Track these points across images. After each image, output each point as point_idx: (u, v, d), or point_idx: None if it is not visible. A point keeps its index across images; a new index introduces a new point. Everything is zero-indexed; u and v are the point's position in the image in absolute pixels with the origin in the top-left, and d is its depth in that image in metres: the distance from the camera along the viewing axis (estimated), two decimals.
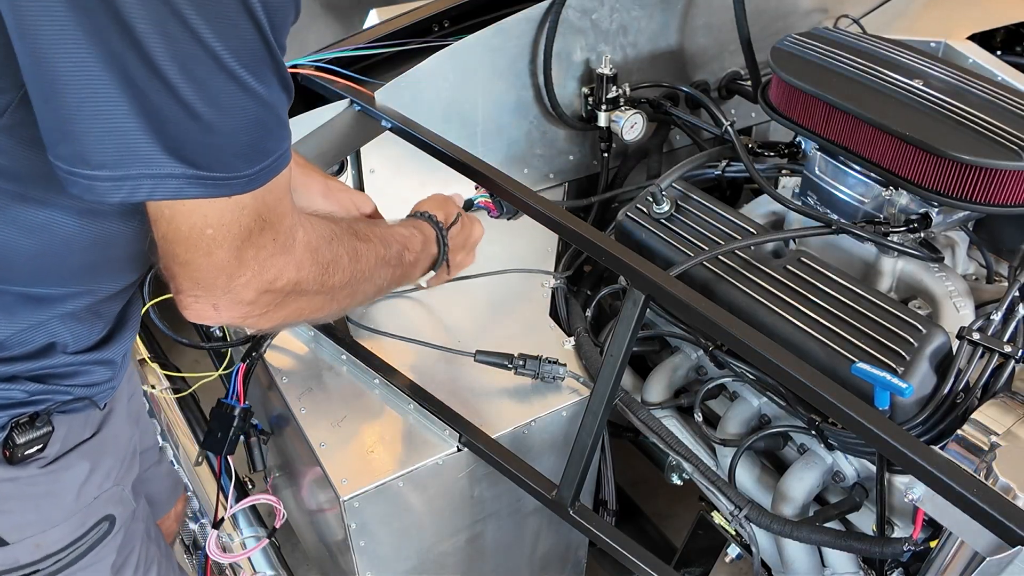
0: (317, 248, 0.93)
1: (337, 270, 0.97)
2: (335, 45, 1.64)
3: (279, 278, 0.87)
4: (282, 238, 0.86)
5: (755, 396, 1.37)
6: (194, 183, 0.74)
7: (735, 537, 1.39)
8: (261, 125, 0.77)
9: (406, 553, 1.37)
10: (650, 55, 1.82)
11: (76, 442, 0.99)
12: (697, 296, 1.07)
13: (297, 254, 0.89)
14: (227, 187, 0.77)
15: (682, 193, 1.42)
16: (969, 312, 1.26)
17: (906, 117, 1.24)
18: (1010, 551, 0.80)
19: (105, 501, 1.04)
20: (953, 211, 1.28)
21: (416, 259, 1.18)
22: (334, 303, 1.00)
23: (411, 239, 1.18)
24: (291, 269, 0.88)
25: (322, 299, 0.97)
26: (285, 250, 0.87)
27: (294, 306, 0.93)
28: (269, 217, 0.83)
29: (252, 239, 0.82)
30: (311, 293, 0.93)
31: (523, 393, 1.36)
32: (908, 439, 0.88)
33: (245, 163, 0.77)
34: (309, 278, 0.92)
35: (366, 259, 1.03)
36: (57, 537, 0.99)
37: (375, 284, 1.08)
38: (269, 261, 0.85)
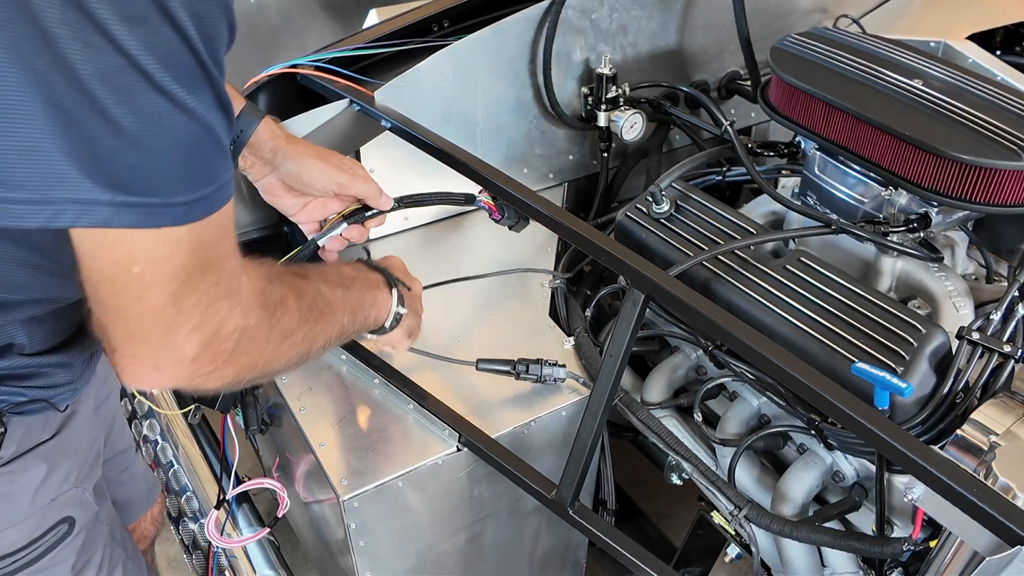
0: (262, 290, 0.84)
1: (286, 312, 0.88)
2: (335, 45, 1.64)
3: (224, 326, 0.78)
4: (226, 281, 0.77)
5: (755, 396, 1.38)
6: (123, 210, 0.67)
7: (735, 537, 1.39)
8: (195, 147, 0.70)
9: (406, 553, 1.37)
10: (650, 55, 1.82)
11: (33, 444, 0.99)
12: (697, 296, 1.07)
13: (243, 298, 0.80)
14: (159, 215, 0.69)
15: (682, 193, 1.42)
16: (969, 312, 1.26)
17: (906, 117, 1.24)
18: (1009, 551, 0.80)
19: (63, 503, 1.04)
20: (952, 211, 1.28)
21: (360, 301, 1.08)
22: (289, 348, 0.90)
23: (357, 268, 1.11)
24: (237, 315, 0.79)
25: (275, 347, 0.87)
26: (230, 294, 0.78)
27: (245, 359, 0.83)
28: (210, 257, 0.74)
29: (191, 283, 0.73)
30: (261, 341, 0.84)
31: (523, 393, 1.36)
32: (908, 439, 0.88)
33: (180, 188, 0.70)
34: (258, 324, 0.83)
35: (311, 296, 0.94)
36: (13, 538, 0.99)
37: (329, 324, 0.98)
38: (213, 307, 0.76)
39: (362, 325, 1.09)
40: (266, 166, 1.23)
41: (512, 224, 1.38)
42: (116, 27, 0.62)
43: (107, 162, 0.65)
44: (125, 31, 0.62)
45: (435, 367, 1.40)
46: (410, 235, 1.70)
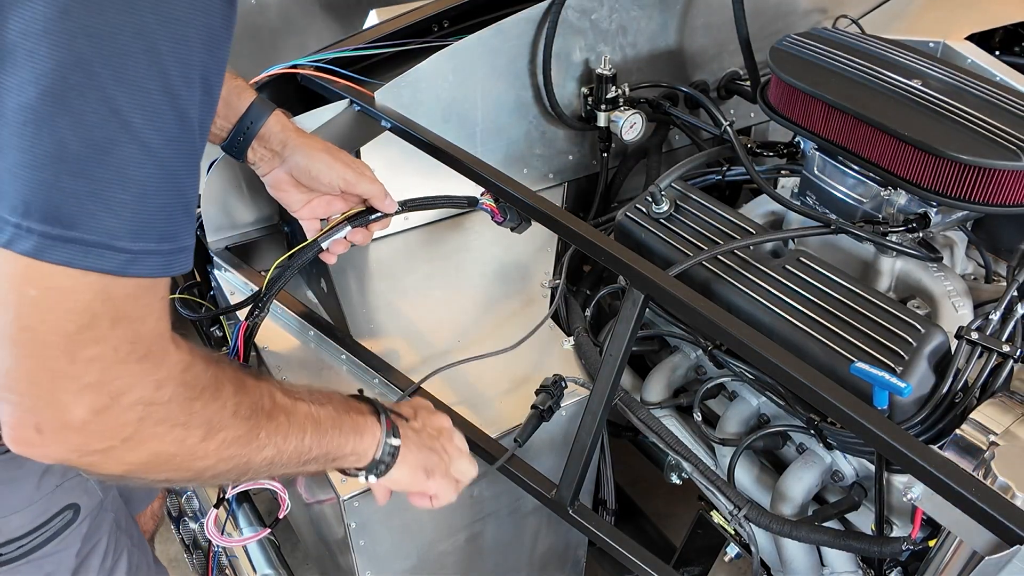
0: (191, 366, 0.72)
1: (216, 399, 0.75)
2: (335, 45, 1.64)
3: (127, 393, 0.66)
4: (146, 342, 0.67)
5: (754, 395, 1.38)
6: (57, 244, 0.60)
7: (734, 536, 1.40)
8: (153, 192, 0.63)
9: (405, 552, 1.37)
10: (649, 55, 1.82)
11: None
12: (696, 296, 1.07)
13: (164, 367, 0.68)
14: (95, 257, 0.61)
15: (681, 193, 1.42)
16: (968, 312, 1.26)
17: (905, 117, 1.25)
18: (1008, 550, 0.80)
19: (68, 490, 1.05)
20: (952, 211, 1.28)
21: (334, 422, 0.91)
22: (219, 449, 0.76)
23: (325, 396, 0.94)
24: (149, 385, 0.67)
25: (196, 440, 0.73)
26: (144, 358, 0.67)
27: (155, 445, 0.70)
28: (127, 308, 0.64)
29: (97, 330, 0.63)
30: (177, 426, 0.71)
31: (523, 393, 1.36)
32: (907, 438, 0.88)
33: (124, 233, 0.62)
34: (173, 403, 0.70)
35: (256, 396, 0.81)
36: (18, 524, 1.00)
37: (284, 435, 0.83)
38: (118, 368, 0.65)
39: (336, 451, 0.92)
40: (275, 158, 1.23)
41: (514, 226, 1.38)
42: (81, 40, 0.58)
43: (46, 187, 0.59)
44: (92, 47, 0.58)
45: (435, 367, 1.40)
46: (410, 235, 1.70)
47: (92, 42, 0.58)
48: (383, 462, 0.98)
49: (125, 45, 0.59)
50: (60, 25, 0.58)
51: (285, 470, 0.85)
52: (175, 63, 0.62)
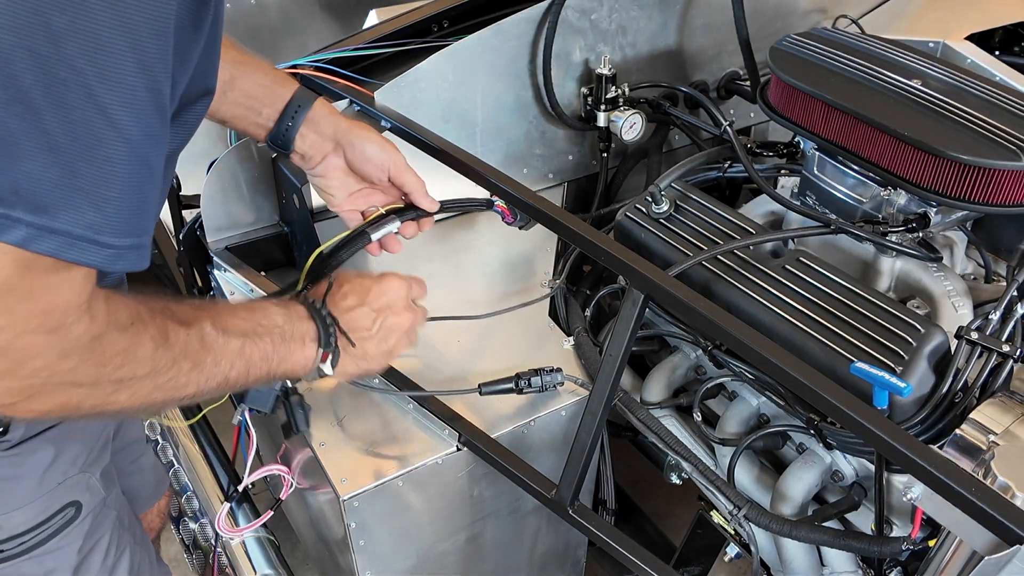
0: (102, 336, 0.73)
1: (128, 361, 0.76)
2: (335, 45, 1.64)
3: (30, 361, 0.68)
4: (55, 317, 0.68)
5: (754, 395, 1.38)
6: (43, 235, 0.62)
7: (734, 536, 1.40)
8: (137, 187, 0.65)
9: (405, 552, 1.37)
10: (649, 55, 1.82)
11: (41, 427, 1.00)
12: (696, 296, 1.07)
13: (69, 339, 0.70)
14: (82, 251, 0.64)
15: (681, 193, 1.42)
16: (967, 311, 1.26)
17: (905, 117, 1.25)
18: (1008, 550, 0.80)
19: (70, 487, 1.05)
20: (951, 211, 1.28)
21: (280, 336, 0.95)
22: (130, 396, 0.79)
23: (265, 311, 0.96)
24: (52, 355, 0.69)
25: (106, 393, 0.77)
26: (52, 331, 0.68)
27: (61, 398, 0.73)
28: (41, 284, 0.66)
29: (8, 303, 0.65)
30: (84, 385, 0.74)
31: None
32: (907, 438, 0.88)
33: (108, 229, 0.64)
34: (76, 370, 0.72)
35: (181, 346, 0.82)
36: (20, 520, 1.00)
37: (208, 374, 0.86)
38: (23, 339, 0.67)
39: (265, 377, 0.96)
40: (326, 143, 1.20)
41: (523, 225, 1.39)
42: (67, 39, 0.59)
43: (34, 180, 0.61)
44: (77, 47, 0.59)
45: (435, 366, 1.40)
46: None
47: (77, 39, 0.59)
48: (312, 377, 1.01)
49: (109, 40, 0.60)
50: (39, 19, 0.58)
51: (206, 397, 0.89)
52: (158, 58, 0.63)
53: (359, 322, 1.05)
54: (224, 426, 2.28)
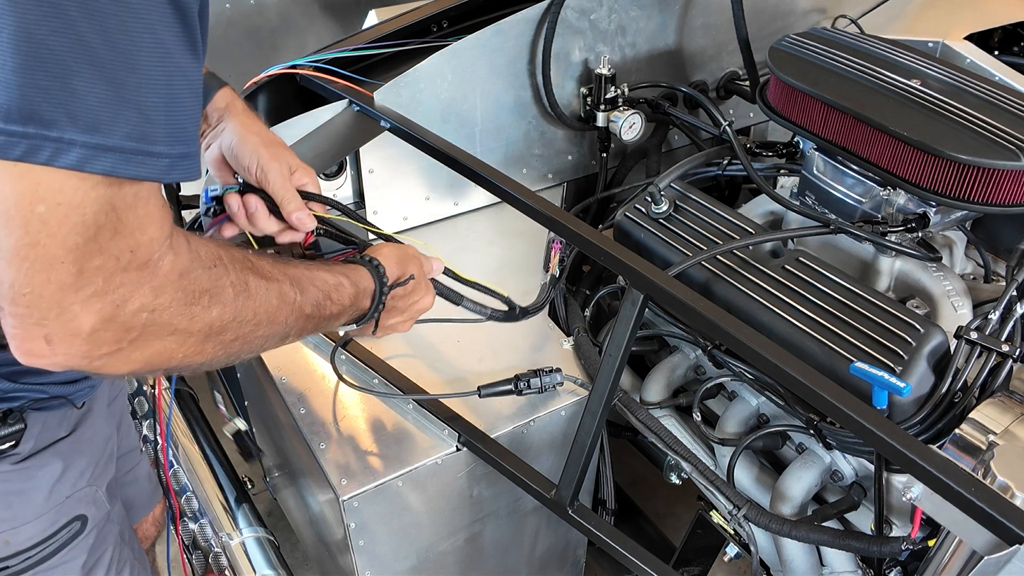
0: (188, 272, 0.75)
1: (215, 304, 0.78)
2: (334, 45, 1.64)
3: (129, 300, 0.69)
4: (143, 252, 0.69)
5: (753, 395, 1.38)
6: (98, 153, 0.63)
7: (734, 536, 1.40)
8: (177, 96, 0.65)
9: (405, 552, 1.37)
10: (648, 55, 1.82)
11: (51, 440, 0.99)
12: (696, 296, 1.07)
13: (159, 274, 0.72)
14: (138, 164, 0.65)
15: (680, 193, 1.42)
16: (967, 311, 1.26)
17: (904, 117, 1.25)
18: (1008, 550, 0.80)
19: (77, 501, 1.04)
20: (951, 211, 1.28)
21: (340, 311, 1.00)
22: (217, 346, 0.81)
23: (338, 288, 0.99)
24: (146, 291, 0.71)
25: (196, 340, 0.78)
26: (143, 266, 0.70)
27: (157, 345, 0.74)
28: (127, 218, 0.67)
29: (100, 241, 0.66)
30: (180, 331, 0.75)
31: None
32: (906, 438, 0.88)
33: (162, 137, 0.65)
34: (172, 308, 0.73)
35: (262, 299, 0.85)
36: (28, 535, 0.99)
37: (277, 328, 0.89)
38: (119, 276, 0.68)
39: (325, 329, 1.01)
40: (210, 133, 1.16)
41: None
42: None
43: (82, 97, 0.61)
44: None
45: (435, 366, 1.40)
46: (410, 235, 1.70)
47: None
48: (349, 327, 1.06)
49: None
50: None
51: (264, 350, 0.91)
52: None
53: (397, 309, 1.12)
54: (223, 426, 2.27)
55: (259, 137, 1.11)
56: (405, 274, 1.09)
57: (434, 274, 1.19)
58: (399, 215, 1.69)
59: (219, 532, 1.54)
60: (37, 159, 0.62)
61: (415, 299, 1.13)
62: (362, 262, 1.05)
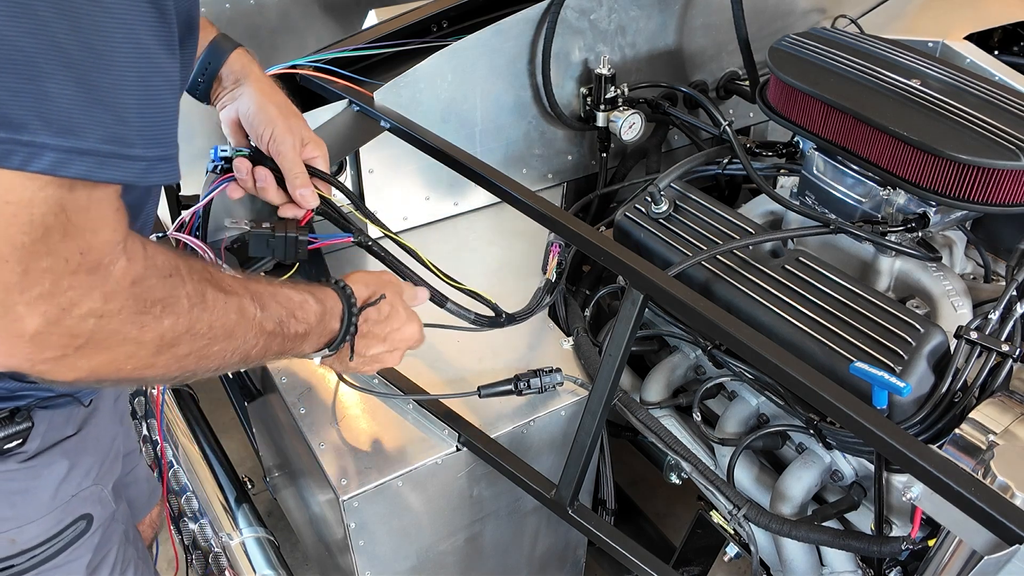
0: (142, 279, 0.73)
1: (168, 314, 0.75)
2: (334, 45, 1.64)
3: (77, 305, 0.67)
4: (93, 255, 0.68)
5: (753, 395, 1.38)
6: (72, 157, 0.61)
7: (734, 536, 1.40)
8: (155, 92, 0.64)
9: (405, 552, 1.37)
10: (648, 55, 1.82)
11: (57, 439, 0.99)
12: (695, 296, 1.07)
13: (111, 280, 0.70)
14: (113, 167, 0.63)
15: (680, 193, 1.42)
16: (967, 311, 1.26)
17: (904, 117, 1.25)
18: (1008, 549, 0.80)
19: (83, 500, 1.04)
20: (951, 211, 1.28)
21: (307, 330, 0.96)
22: (169, 360, 0.78)
23: (303, 305, 0.96)
24: (96, 296, 0.69)
25: (147, 353, 0.75)
26: (94, 270, 0.68)
27: (107, 354, 0.72)
28: (79, 220, 0.65)
29: (48, 242, 0.64)
30: (129, 340, 0.73)
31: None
32: (906, 438, 0.88)
33: (138, 139, 0.64)
34: (122, 315, 0.71)
35: (219, 312, 0.82)
36: (33, 533, 0.99)
37: (236, 345, 0.85)
38: (67, 279, 0.66)
39: (292, 352, 0.98)
40: (227, 95, 1.17)
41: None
42: None
43: (55, 100, 0.60)
44: None
45: (435, 366, 1.40)
46: (409, 235, 1.70)
47: None
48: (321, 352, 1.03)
49: None
50: None
51: (223, 371, 0.88)
52: None
53: (373, 338, 1.08)
54: (223, 426, 2.28)
55: (276, 107, 1.12)
56: (375, 294, 1.07)
57: (418, 302, 1.16)
58: (399, 215, 1.69)
59: (219, 532, 1.54)
60: (10, 164, 0.61)
61: (395, 326, 1.10)
62: (328, 283, 1.03)
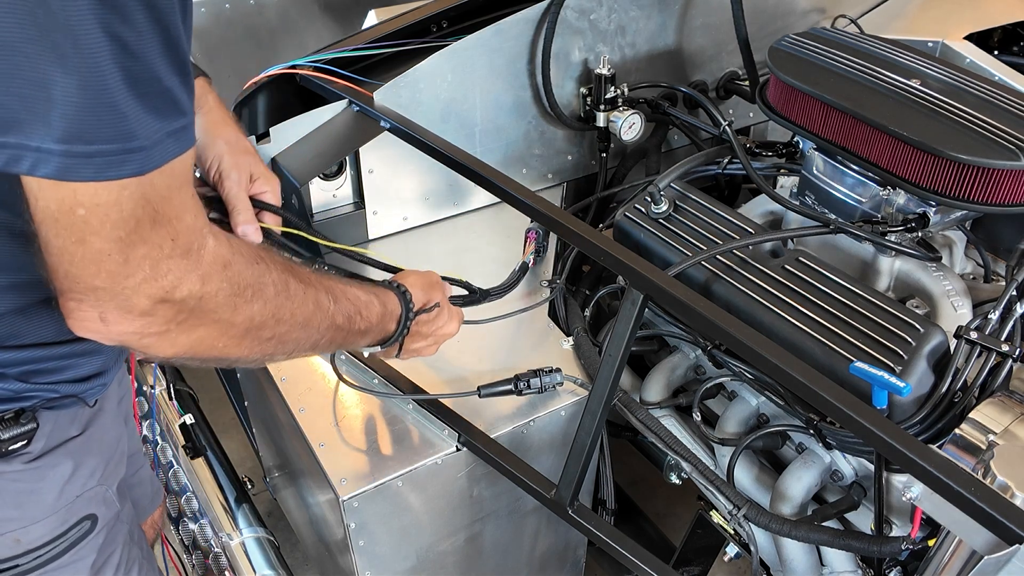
0: (231, 263, 0.80)
1: (257, 298, 0.83)
2: (334, 45, 1.64)
3: (179, 287, 0.75)
4: (183, 239, 0.74)
5: (753, 395, 1.38)
6: (80, 161, 0.65)
7: (734, 536, 1.40)
8: (144, 81, 0.66)
9: (405, 552, 1.37)
10: (648, 55, 1.82)
11: (62, 439, 0.99)
12: (695, 296, 1.07)
13: (204, 263, 0.77)
14: (118, 165, 0.66)
15: (680, 193, 1.42)
16: (967, 311, 1.26)
17: (904, 117, 1.25)
18: (1008, 549, 0.80)
19: (88, 500, 1.04)
20: (951, 211, 1.28)
21: (367, 328, 1.04)
22: (254, 342, 0.86)
23: (368, 306, 1.03)
24: (194, 279, 0.76)
25: (238, 332, 0.83)
26: (186, 254, 0.75)
27: (203, 331, 0.80)
28: (163, 208, 0.71)
29: (141, 233, 0.71)
30: (223, 320, 0.80)
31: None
32: (906, 438, 0.88)
33: (139, 129, 0.67)
34: (219, 296, 0.79)
35: (300, 301, 0.89)
36: (38, 534, 0.99)
37: (310, 334, 0.93)
38: (165, 264, 0.73)
39: (352, 345, 1.07)
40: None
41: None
42: None
43: (59, 105, 0.63)
44: None
45: (435, 366, 1.40)
46: (409, 235, 1.70)
47: None
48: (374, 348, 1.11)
49: None
50: None
51: (292, 357, 0.96)
52: None
53: (420, 336, 1.16)
54: (223, 426, 2.28)
55: (225, 142, 1.12)
56: (431, 301, 1.14)
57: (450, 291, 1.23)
58: (399, 215, 1.69)
59: (219, 532, 1.54)
60: (18, 169, 0.65)
61: (439, 324, 1.18)
62: (390, 287, 1.10)
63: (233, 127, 1.16)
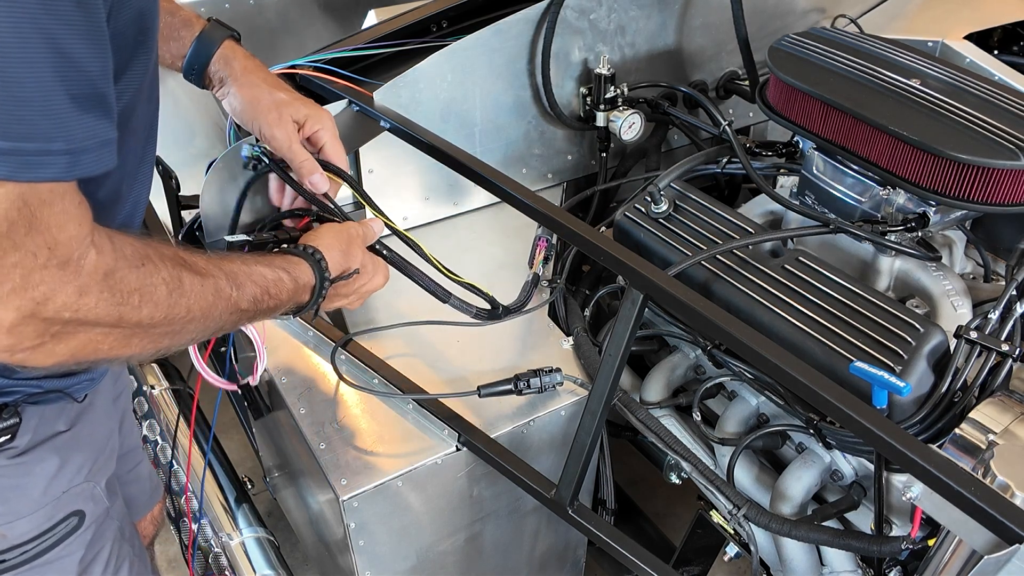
0: (114, 271, 0.74)
1: (147, 302, 0.77)
2: (334, 45, 1.64)
3: (51, 299, 0.69)
4: (62, 250, 0.68)
5: (753, 395, 1.38)
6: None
7: (734, 536, 1.40)
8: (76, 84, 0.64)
9: (405, 552, 1.37)
10: (648, 55, 1.82)
11: (48, 435, 0.99)
12: (695, 295, 1.07)
13: (83, 274, 0.71)
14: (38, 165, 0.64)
15: (680, 193, 1.42)
16: (966, 311, 1.26)
17: (904, 117, 1.25)
18: (1008, 549, 0.80)
19: (74, 496, 1.04)
20: (950, 210, 1.28)
21: (277, 306, 0.98)
22: (144, 340, 0.80)
23: (277, 283, 0.96)
24: (70, 291, 0.70)
25: (123, 335, 0.78)
26: (64, 265, 0.69)
27: (83, 338, 0.74)
28: (43, 216, 0.66)
29: (13, 238, 0.65)
30: (105, 327, 0.75)
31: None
32: (906, 438, 0.88)
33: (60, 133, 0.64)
34: (99, 308, 0.73)
35: (197, 295, 0.84)
36: (24, 529, 0.99)
37: (210, 324, 0.87)
38: (38, 274, 0.67)
39: (263, 319, 1.00)
40: (218, 93, 1.18)
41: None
42: None
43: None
44: None
45: (435, 366, 1.40)
46: (410, 235, 1.70)
47: None
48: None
49: None
50: None
51: (198, 341, 0.91)
52: None
53: (340, 296, 1.10)
54: (223, 426, 2.28)
55: (257, 103, 1.13)
56: (350, 267, 1.07)
57: (374, 236, 1.16)
58: (399, 215, 1.69)
59: (219, 532, 1.54)
60: None
61: (361, 283, 1.12)
62: (304, 255, 1.02)
63: (260, 86, 1.16)
